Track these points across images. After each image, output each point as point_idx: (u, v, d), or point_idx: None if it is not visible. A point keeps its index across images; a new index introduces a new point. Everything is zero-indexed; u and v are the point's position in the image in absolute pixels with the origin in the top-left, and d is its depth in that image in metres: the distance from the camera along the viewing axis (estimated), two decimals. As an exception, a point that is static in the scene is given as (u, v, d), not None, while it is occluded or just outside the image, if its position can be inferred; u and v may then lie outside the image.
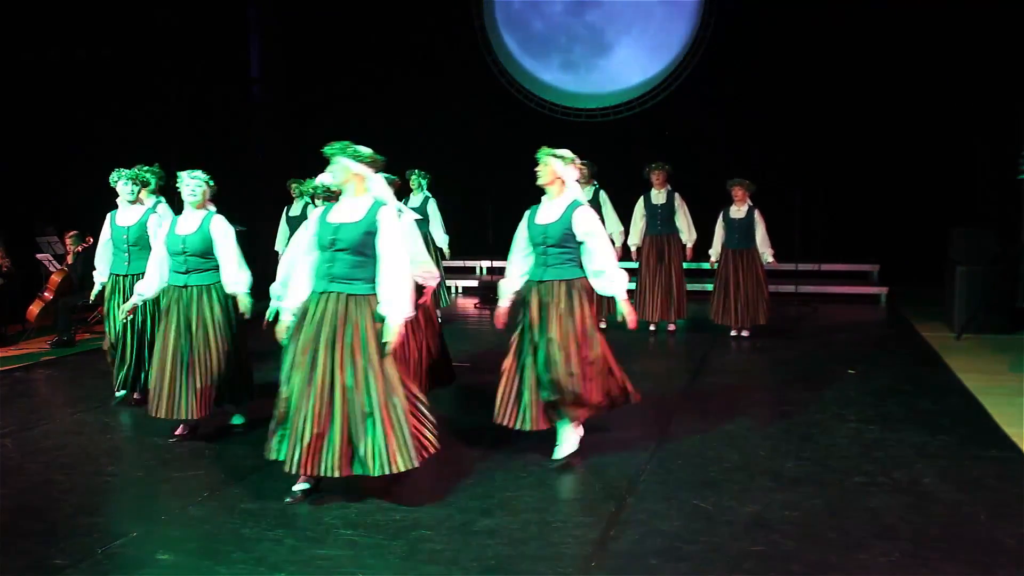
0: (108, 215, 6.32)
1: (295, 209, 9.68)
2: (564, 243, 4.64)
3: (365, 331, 4.09)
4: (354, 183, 4.22)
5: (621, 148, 11.94)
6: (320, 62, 13.90)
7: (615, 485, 4.39)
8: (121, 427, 5.67)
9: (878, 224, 11.63)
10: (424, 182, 9.45)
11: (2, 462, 4.89)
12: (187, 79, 11.90)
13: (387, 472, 4.00)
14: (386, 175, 5.21)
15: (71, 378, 7.23)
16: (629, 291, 4.77)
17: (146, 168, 6.53)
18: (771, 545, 3.65)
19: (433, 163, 6.69)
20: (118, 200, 6.28)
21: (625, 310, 4.69)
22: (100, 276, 6.27)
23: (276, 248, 9.83)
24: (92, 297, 6.55)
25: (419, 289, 4.94)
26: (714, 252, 8.49)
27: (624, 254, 8.61)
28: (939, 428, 5.28)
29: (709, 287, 8.82)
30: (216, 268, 5.27)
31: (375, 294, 4.14)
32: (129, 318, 5.76)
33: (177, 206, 5.60)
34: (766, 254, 8.31)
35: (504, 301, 4.89)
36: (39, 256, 9.22)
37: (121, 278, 6.08)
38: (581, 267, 4.73)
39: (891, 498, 4.17)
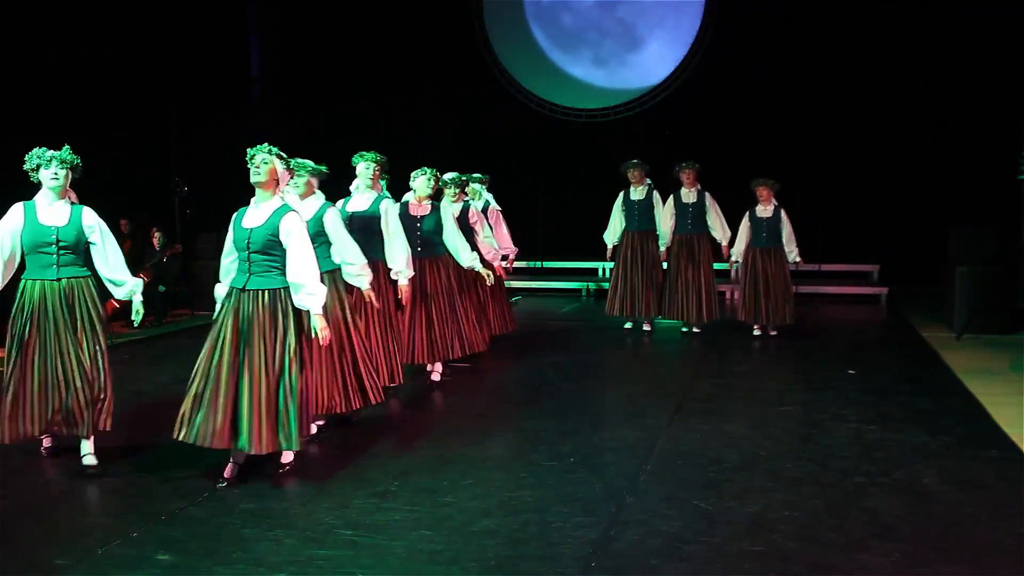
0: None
1: None
2: (268, 249, 4.40)
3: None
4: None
5: (621, 148, 11.93)
6: (320, 62, 13.91)
7: (615, 485, 4.39)
8: (121, 427, 5.66)
9: (878, 224, 11.63)
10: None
11: (2, 462, 4.89)
12: (187, 79, 11.91)
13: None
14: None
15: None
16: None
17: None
18: (771, 545, 3.65)
19: (432, 164, 6.70)
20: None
21: (318, 326, 4.39)
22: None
23: None
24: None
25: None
26: (736, 251, 8.45)
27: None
28: (939, 428, 5.28)
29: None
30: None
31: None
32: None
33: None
34: (792, 253, 8.29)
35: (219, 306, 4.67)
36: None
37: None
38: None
39: (891, 498, 4.16)
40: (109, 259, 4.77)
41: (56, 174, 4.61)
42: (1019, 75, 10.15)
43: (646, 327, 8.88)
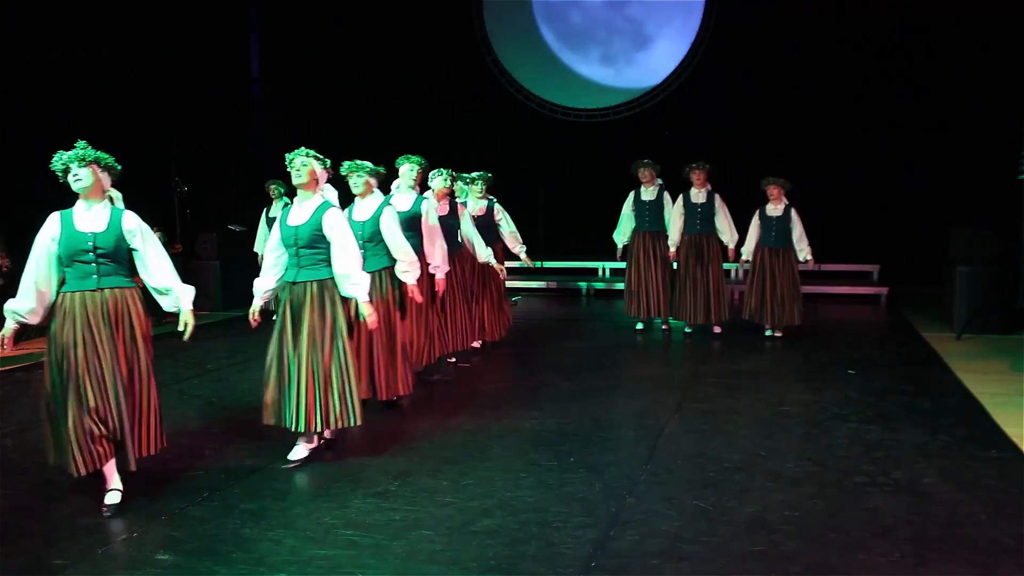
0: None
1: (274, 210, 9.81)
2: (314, 244, 4.71)
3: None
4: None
5: (621, 148, 11.94)
6: (320, 62, 13.92)
7: (615, 485, 4.39)
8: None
9: (878, 224, 11.63)
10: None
11: (2, 462, 4.89)
12: (187, 79, 11.91)
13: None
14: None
15: (71, 378, 7.21)
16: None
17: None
18: (771, 545, 3.65)
19: (432, 164, 6.75)
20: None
21: (366, 312, 4.73)
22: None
23: (255, 249, 9.88)
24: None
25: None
26: (746, 251, 8.40)
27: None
28: (939, 428, 5.28)
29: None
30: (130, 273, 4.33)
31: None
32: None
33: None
34: (803, 252, 8.25)
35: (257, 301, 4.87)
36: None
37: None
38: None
39: (891, 498, 4.16)
40: (151, 266, 4.33)
41: (77, 175, 4.17)
42: (1019, 75, 10.16)
43: (664, 327, 8.89)
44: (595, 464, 4.73)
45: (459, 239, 7.00)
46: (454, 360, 7.25)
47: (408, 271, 5.58)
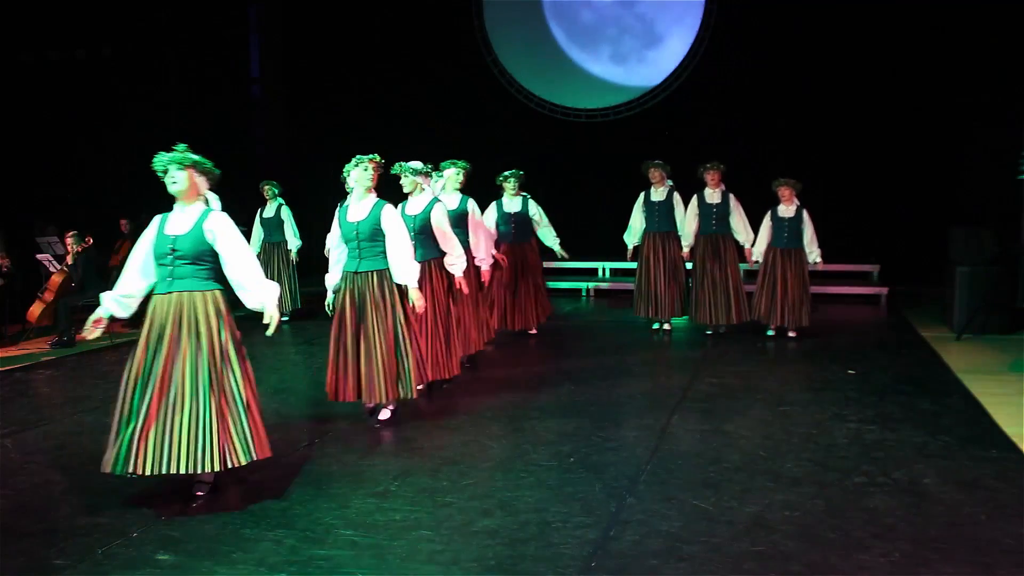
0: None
1: (268, 211, 9.81)
2: (374, 237, 5.32)
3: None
4: None
5: (621, 148, 11.94)
6: (320, 62, 13.92)
7: (615, 485, 4.39)
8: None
9: (878, 224, 11.62)
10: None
11: (2, 462, 4.89)
12: (187, 79, 11.91)
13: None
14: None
15: (71, 378, 7.24)
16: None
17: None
18: (771, 545, 3.65)
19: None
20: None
21: (414, 297, 5.35)
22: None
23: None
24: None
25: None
26: (757, 251, 8.37)
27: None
28: (939, 428, 5.28)
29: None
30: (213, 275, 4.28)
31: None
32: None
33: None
34: (814, 254, 8.24)
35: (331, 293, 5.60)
36: (39, 256, 9.23)
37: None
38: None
39: (891, 498, 4.17)
40: (231, 264, 4.25)
41: (174, 178, 4.22)
42: (1019, 75, 10.15)
43: (666, 327, 8.89)
44: (595, 464, 4.73)
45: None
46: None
47: (455, 263, 6.19)
